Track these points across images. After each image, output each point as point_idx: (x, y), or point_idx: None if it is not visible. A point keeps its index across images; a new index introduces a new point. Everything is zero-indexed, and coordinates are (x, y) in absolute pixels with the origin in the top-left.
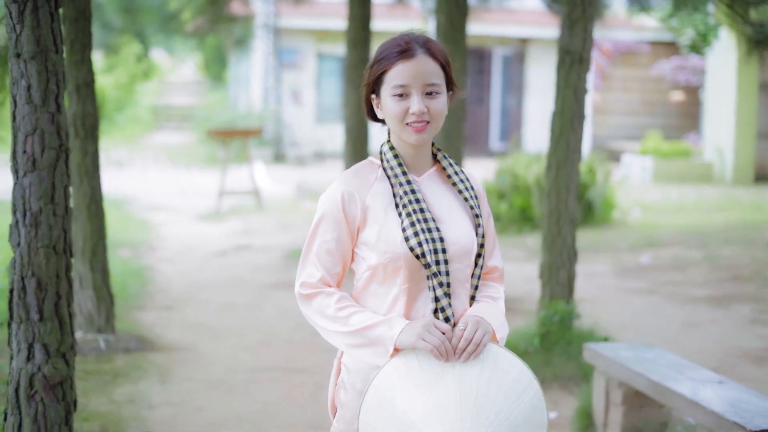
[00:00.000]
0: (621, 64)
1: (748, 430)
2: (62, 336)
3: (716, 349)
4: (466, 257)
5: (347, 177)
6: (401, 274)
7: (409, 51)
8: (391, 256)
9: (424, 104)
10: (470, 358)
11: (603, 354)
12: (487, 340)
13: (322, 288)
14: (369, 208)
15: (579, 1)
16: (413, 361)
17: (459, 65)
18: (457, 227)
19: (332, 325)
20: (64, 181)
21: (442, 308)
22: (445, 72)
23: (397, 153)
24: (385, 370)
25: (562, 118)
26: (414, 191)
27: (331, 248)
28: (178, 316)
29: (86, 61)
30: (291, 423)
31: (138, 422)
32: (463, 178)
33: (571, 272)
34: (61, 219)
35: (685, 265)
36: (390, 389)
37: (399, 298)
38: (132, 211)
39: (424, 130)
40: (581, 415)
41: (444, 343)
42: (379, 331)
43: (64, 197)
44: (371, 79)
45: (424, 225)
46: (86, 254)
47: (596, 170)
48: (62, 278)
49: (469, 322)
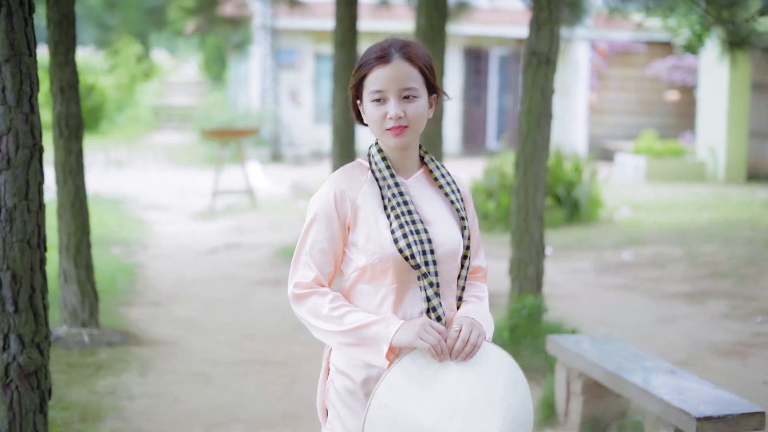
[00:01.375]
0: (617, 64)
1: (693, 417)
2: (37, 327)
3: (686, 343)
4: (453, 259)
5: (338, 177)
6: (389, 275)
7: (386, 56)
8: (380, 257)
9: (401, 108)
10: (466, 359)
11: (564, 346)
12: (482, 341)
13: (316, 288)
14: (359, 208)
15: (545, 4)
16: (412, 368)
17: (438, 66)
18: (445, 229)
19: (326, 325)
20: (38, 178)
21: (434, 308)
22: (426, 76)
23: (385, 155)
24: (385, 381)
25: (529, 117)
26: (402, 193)
27: (324, 248)
28: (164, 311)
29: (70, 62)
30: (265, 413)
31: (116, 412)
32: (450, 181)
33: (539, 267)
34: (35, 215)
35: (665, 262)
36: (395, 401)
37: (387, 298)
38: (128, 210)
39: (402, 133)
40: (544, 405)
41: (441, 342)
42: (374, 330)
43: (38, 194)
44: (353, 84)
45: (412, 227)
46: (70, 251)
47: (582, 169)
48: (36, 271)
49: (464, 323)
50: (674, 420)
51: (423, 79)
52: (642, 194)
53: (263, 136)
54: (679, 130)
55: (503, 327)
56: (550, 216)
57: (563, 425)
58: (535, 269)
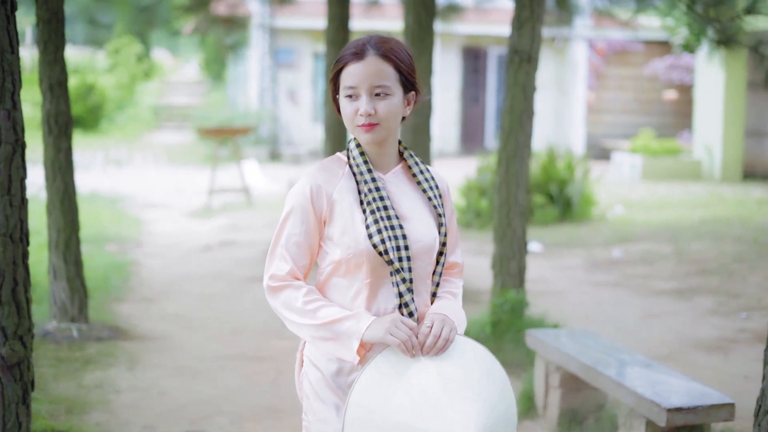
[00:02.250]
0: (615, 63)
1: (663, 408)
2: (19, 320)
3: (671, 338)
4: (428, 255)
5: (315, 171)
6: (364, 270)
7: (361, 53)
8: (354, 251)
9: (371, 105)
10: (439, 354)
11: (543, 340)
12: (454, 336)
13: (291, 281)
14: (336, 202)
15: (527, 3)
16: (384, 365)
17: (426, 65)
18: (421, 225)
19: (300, 318)
20: (20, 173)
21: (406, 303)
22: (402, 73)
23: (363, 150)
24: (360, 382)
25: (511, 115)
26: (378, 189)
27: (299, 241)
28: (155, 307)
29: (59, 60)
30: (249, 406)
31: (102, 405)
32: (428, 177)
33: (521, 263)
34: (18, 209)
35: (654, 260)
36: (370, 400)
37: (361, 292)
38: (125, 209)
39: (372, 130)
40: (523, 398)
41: (411, 338)
42: (346, 325)
43: (21, 189)
44: (331, 78)
45: (387, 222)
46: (60, 247)
47: (575, 167)
48: (19, 265)
49: (435, 319)
50: (646, 411)
51: (399, 76)
52: (637, 193)
53: (262, 135)
54: (677, 129)
55: (486, 322)
56: (542, 214)
57: (542, 418)
58: (518, 265)
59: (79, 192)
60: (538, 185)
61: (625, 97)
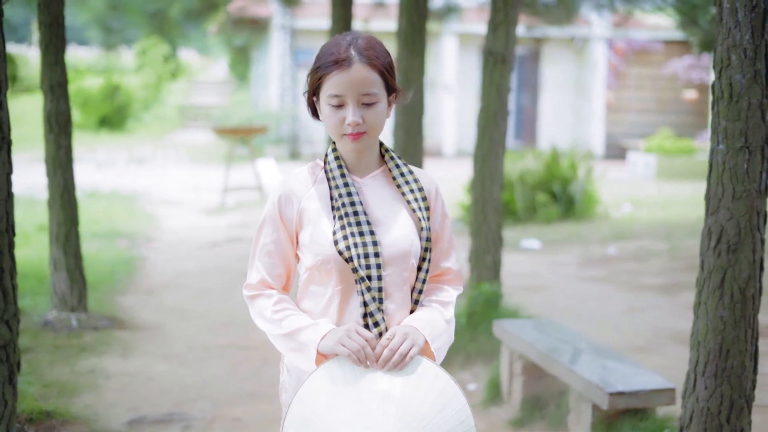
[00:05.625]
0: (635, 63)
1: (606, 392)
2: (6, 305)
3: (647, 331)
4: (403, 261)
5: (287, 180)
6: (334, 276)
7: (346, 60)
8: (322, 258)
9: (359, 114)
10: (395, 369)
11: (507, 329)
12: (415, 351)
13: (263, 290)
14: (304, 210)
15: (502, 6)
16: (336, 371)
17: (419, 65)
18: (395, 230)
19: (270, 327)
20: (6, 168)
21: (371, 313)
22: (385, 78)
23: (339, 155)
24: (308, 380)
25: (486, 114)
26: (350, 194)
27: (270, 250)
28: (155, 299)
29: (60, 62)
30: (232, 392)
31: (92, 389)
32: (410, 180)
33: (496, 256)
34: (4, 202)
35: (647, 256)
36: (314, 400)
37: (333, 300)
38: (141, 206)
39: (360, 139)
40: (490, 386)
41: (364, 348)
42: (305, 335)
43: (7, 183)
44: (312, 85)
45: (355, 228)
46: (60, 240)
47: (578, 166)
48: (5, 254)
49: (398, 332)
50: (592, 395)
51: (383, 81)
52: (647, 191)
53: (282, 134)
54: (696, 128)
55: (461, 313)
56: (544, 212)
57: (507, 404)
58: (493, 258)
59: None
60: (542, 183)
61: (645, 96)
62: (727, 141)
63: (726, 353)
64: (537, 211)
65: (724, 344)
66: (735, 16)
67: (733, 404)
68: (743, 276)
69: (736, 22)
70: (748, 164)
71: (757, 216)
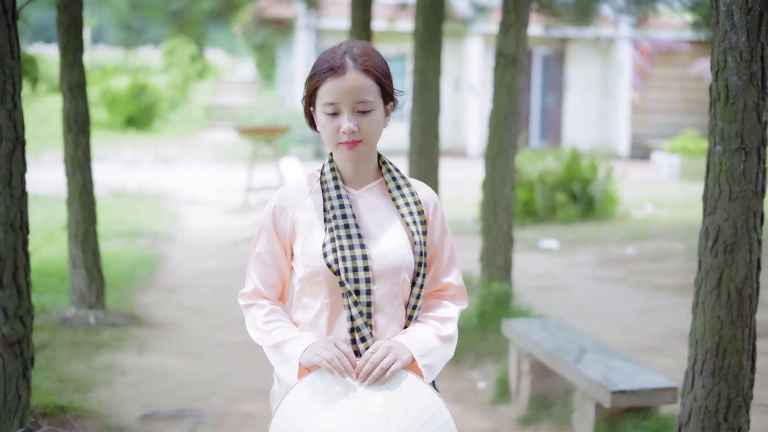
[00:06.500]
0: (661, 63)
1: (608, 390)
2: (20, 301)
3: (658, 331)
4: (394, 275)
5: (283, 191)
6: (323, 289)
7: (340, 68)
8: (311, 270)
9: (354, 122)
10: (375, 383)
11: (515, 328)
12: (398, 366)
13: (256, 300)
14: (297, 220)
15: (512, 8)
16: (318, 384)
17: (434, 66)
18: (386, 243)
19: (260, 338)
20: (20, 168)
21: (358, 328)
22: (382, 85)
23: (335, 166)
24: (291, 393)
25: (497, 115)
26: (343, 206)
27: (265, 260)
28: (174, 298)
29: (78, 63)
30: (240, 388)
31: (107, 385)
32: (406, 192)
33: (507, 256)
34: (18, 200)
35: (665, 257)
36: (295, 413)
37: (322, 313)
38: (165, 205)
39: (355, 147)
40: (499, 384)
41: (341, 359)
42: (289, 348)
43: (21, 182)
44: (307, 93)
45: (346, 241)
46: (78, 238)
47: (597, 166)
48: (19, 251)
49: (381, 346)
50: (595, 394)
51: (379, 89)
52: (670, 192)
53: (306, 134)
54: None
55: (472, 313)
56: (564, 212)
57: (515, 402)
58: (503, 258)
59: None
60: (561, 184)
61: (671, 97)
62: (723, 142)
63: (723, 352)
64: (557, 212)
65: (721, 343)
66: (731, 19)
67: (731, 403)
68: (740, 276)
69: (732, 25)
70: (745, 165)
71: (753, 216)
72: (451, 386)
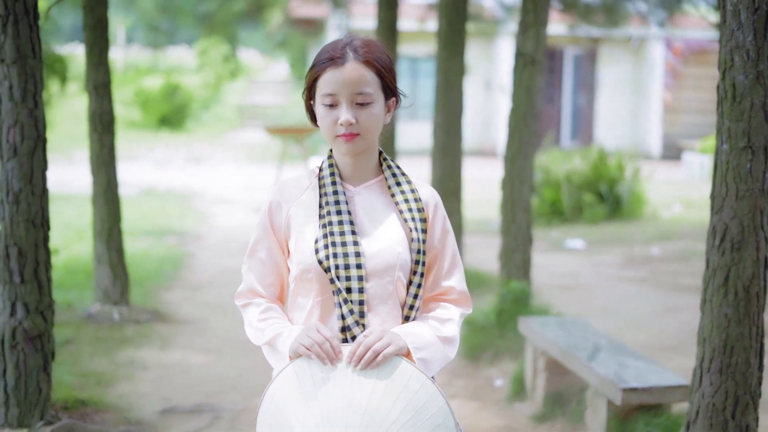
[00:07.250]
0: (693, 63)
1: (619, 388)
2: (41, 296)
3: (679, 331)
4: (388, 273)
5: (280, 186)
6: (315, 287)
7: (340, 58)
8: (303, 267)
9: (352, 114)
10: (367, 367)
11: (531, 326)
12: (391, 351)
13: (252, 298)
14: (292, 217)
15: (531, 8)
16: (304, 369)
17: (458, 65)
18: (380, 241)
19: (256, 337)
20: (41, 165)
21: (348, 327)
22: (383, 79)
23: (334, 162)
24: (278, 379)
25: (516, 115)
26: (338, 202)
27: (262, 258)
28: (198, 295)
29: (103, 63)
30: (258, 384)
31: (128, 380)
32: (406, 190)
33: (525, 255)
34: (39, 198)
35: (689, 257)
36: (282, 400)
37: (314, 311)
38: (195, 204)
39: (353, 140)
40: (515, 381)
41: (321, 345)
42: (281, 341)
43: (42, 180)
44: (307, 85)
45: (338, 238)
46: (103, 235)
47: (625, 166)
48: (40, 247)
49: (375, 331)
50: (606, 391)
51: (380, 82)
52: (700, 192)
53: None
54: None
55: (491, 311)
56: (590, 212)
57: (530, 399)
58: (522, 257)
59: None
60: (588, 184)
61: (703, 97)
62: (730, 141)
63: (731, 350)
64: (583, 211)
65: (728, 341)
66: (738, 18)
67: (738, 400)
68: (747, 274)
69: (739, 24)
70: (752, 164)
71: (760, 215)
72: (469, 383)
